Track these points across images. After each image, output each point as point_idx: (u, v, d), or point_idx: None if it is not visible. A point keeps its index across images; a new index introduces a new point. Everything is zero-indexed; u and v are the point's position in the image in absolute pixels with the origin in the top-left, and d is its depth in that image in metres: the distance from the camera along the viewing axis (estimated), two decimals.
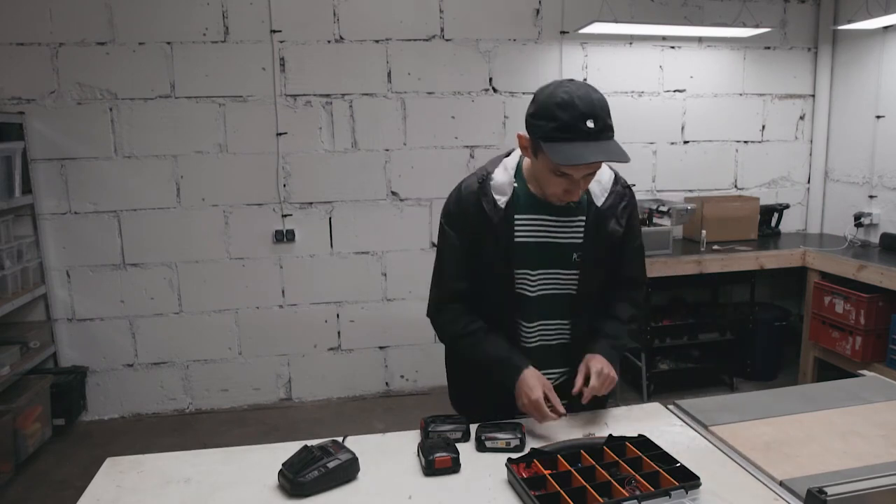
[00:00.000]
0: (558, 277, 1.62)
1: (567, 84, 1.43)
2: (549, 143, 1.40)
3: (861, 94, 4.16)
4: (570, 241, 1.60)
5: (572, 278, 1.62)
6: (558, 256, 1.60)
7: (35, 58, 3.49)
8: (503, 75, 3.96)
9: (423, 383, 4.14)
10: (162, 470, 1.45)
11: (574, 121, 1.38)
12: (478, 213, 1.57)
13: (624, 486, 1.28)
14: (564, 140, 1.39)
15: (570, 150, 1.39)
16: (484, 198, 1.57)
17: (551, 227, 1.59)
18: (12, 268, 3.35)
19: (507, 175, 1.59)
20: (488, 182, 1.58)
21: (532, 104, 1.47)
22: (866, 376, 1.98)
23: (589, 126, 1.38)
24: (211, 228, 3.79)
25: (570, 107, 1.38)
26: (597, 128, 1.39)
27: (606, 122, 1.41)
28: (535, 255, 1.59)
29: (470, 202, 1.59)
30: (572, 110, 1.38)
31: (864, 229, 4.11)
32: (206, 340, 3.88)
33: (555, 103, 1.40)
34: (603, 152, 1.40)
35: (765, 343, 4.19)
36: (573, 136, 1.39)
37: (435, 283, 1.71)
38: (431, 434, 1.53)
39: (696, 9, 4.11)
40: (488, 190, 1.57)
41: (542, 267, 1.60)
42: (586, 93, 1.41)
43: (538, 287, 1.62)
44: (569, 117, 1.38)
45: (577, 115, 1.38)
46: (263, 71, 3.70)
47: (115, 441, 3.54)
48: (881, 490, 1.14)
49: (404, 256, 4.00)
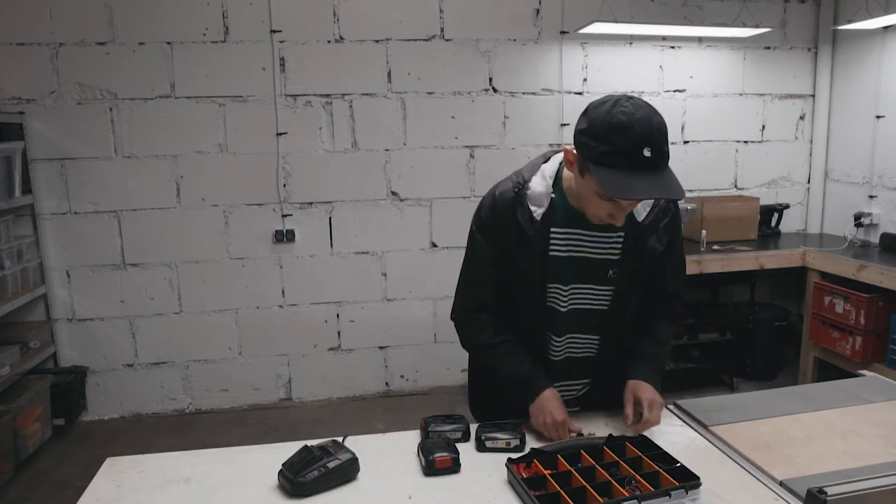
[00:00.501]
0: (591, 293, 1.55)
1: (625, 103, 1.29)
2: (599, 168, 1.29)
3: (861, 94, 4.16)
4: (606, 258, 1.52)
5: (605, 294, 1.55)
6: (593, 272, 1.53)
7: (35, 58, 3.49)
8: (503, 75, 3.96)
9: (423, 383, 4.14)
10: (162, 470, 1.45)
11: (630, 148, 1.26)
12: (512, 224, 1.49)
13: (624, 486, 1.28)
14: (617, 168, 1.28)
15: (623, 180, 1.27)
16: (520, 208, 1.48)
17: (587, 241, 1.51)
18: (12, 268, 3.35)
19: (545, 185, 1.49)
20: (525, 191, 1.48)
21: (584, 119, 1.34)
22: (866, 376, 1.98)
23: (646, 155, 1.26)
24: (211, 228, 3.79)
25: (628, 131, 1.25)
26: (653, 157, 1.27)
27: (664, 151, 1.29)
28: (569, 270, 1.52)
29: (504, 211, 1.50)
30: (630, 136, 1.25)
31: (864, 229, 4.11)
32: (206, 340, 3.88)
33: (611, 125, 1.27)
34: (657, 187, 1.29)
35: (765, 343, 4.19)
36: (627, 164, 1.27)
37: (461, 290, 1.67)
38: (431, 434, 1.53)
39: (696, 9, 4.11)
40: (524, 200, 1.48)
41: (575, 282, 1.53)
42: (646, 116, 1.27)
43: (570, 301, 1.55)
44: (625, 144, 1.26)
45: (634, 141, 1.25)
46: (263, 71, 3.70)
47: (115, 441, 3.54)
48: (881, 490, 1.13)
49: (404, 256, 4.00)
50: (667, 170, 1.31)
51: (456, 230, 3.98)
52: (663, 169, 1.30)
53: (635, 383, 1.57)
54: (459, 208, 3.97)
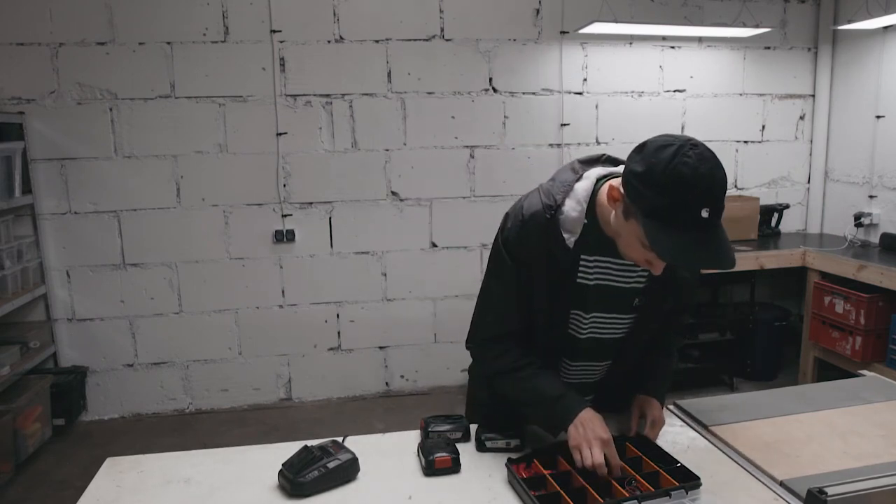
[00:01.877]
0: (614, 321, 1.48)
1: (689, 152, 1.15)
2: (649, 221, 1.18)
3: (861, 94, 4.16)
4: (633, 286, 1.44)
5: (626, 322, 1.49)
6: (618, 300, 1.45)
7: (35, 58, 3.49)
8: (503, 75, 3.96)
9: (423, 383, 4.14)
10: (162, 470, 1.45)
11: (688, 206, 1.15)
12: (541, 248, 1.38)
13: (624, 486, 1.28)
14: (670, 224, 1.16)
15: (676, 241, 1.17)
16: (552, 233, 1.36)
17: (614, 270, 1.42)
18: (12, 268, 3.35)
19: (579, 210, 1.36)
20: (558, 216, 1.36)
21: (639, 160, 1.20)
22: (866, 376, 1.98)
23: (703, 216, 1.15)
24: (211, 228, 3.79)
25: (690, 187, 1.14)
26: (711, 218, 1.16)
27: (721, 210, 1.18)
28: (595, 299, 1.44)
29: (534, 235, 1.38)
30: (690, 192, 1.14)
31: (864, 229, 4.12)
32: (206, 340, 3.88)
33: (671, 177, 1.14)
34: (710, 255, 1.19)
35: (765, 343, 4.19)
36: (681, 222, 1.16)
37: (483, 315, 1.54)
38: (431, 434, 1.53)
39: (696, 9, 4.11)
40: (557, 226, 1.36)
41: (597, 310, 1.45)
42: (710, 170, 1.15)
43: (589, 329, 1.48)
44: (684, 200, 1.15)
45: (694, 199, 1.14)
46: (263, 71, 3.70)
47: (115, 441, 3.54)
48: (881, 490, 1.13)
49: (404, 256, 4.00)
50: (720, 230, 1.20)
51: (456, 230, 3.99)
52: (717, 228, 1.19)
53: (644, 399, 1.54)
54: (459, 208, 3.97)
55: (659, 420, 1.52)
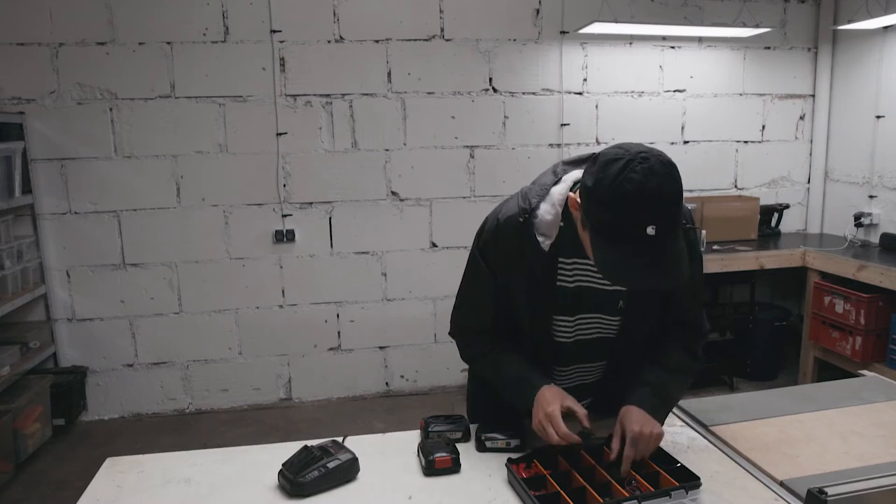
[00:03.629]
0: (599, 323, 1.47)
1: (637, 167, 1.12)
2: (596, 236, 1.19)
3: (861, 94, 4.16)
4: (615, 289, 1.40)
5: (614, 324, 1.47)
6: (601, 304, 1.44)
7: (35, 58, 3.49)
8: (503, 75, 3.96)
9: (423, 383, 4.14)
10: (162, 470, 1.45)
11: (633, 223, 1.13)
12: (517, 253, 1.38)
13: (624, 486, 1.28)
14: (615, 243, 1.16)
15: (618, 259, 1.16)
16: (526, 237, 1.36)
17: (595, 272, 1.39)
18: (12, 268, 3.35)
19: (555, 213, 1.35)
20: (532, 219, 1.36)
21: (591, 173, 1.19)
22: (866, 376, 1.98)
23: (649, 234, 1.12)
24: (211, 228, 3.79)
25: (634, 204, 1.12)
26: (658, 235, 1.13)
27: (671, 223, 1.15)
28: (576, 302, 1.43)
29: (510, 239, 1.38)
30: (634, 209, 1.12)
31: (864, 229, 4.12)
32: (206, 340, 3.88)
33: (615, 194, 1.13)
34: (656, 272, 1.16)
35: (765, 343, 4.19)
36: (627, 241, 1.15)
37: (457, 310, 1.59)
38: (431, 434, 1.53)
39: (696, 9, 4.11)
40: (531, 230, 1.36)
41: (582, 312, 1.44)
42: (657, 185, 1.12)
43: (575, 333, 1.47)
44: (628, 218, 1.13)
45: (638, 216, 1.12)
46: (263, 71, 3.70)
47: (115, 441, 3.54)
48: (881, 490, 1.13)
49: (404, 256, 4.00)
50: (672, 246, 1.17)
51: (456, 230, 3.99)
52: (669, 243, 1.16)
53: (626, 410, 1.40)
54: (459, 208, 3.97)
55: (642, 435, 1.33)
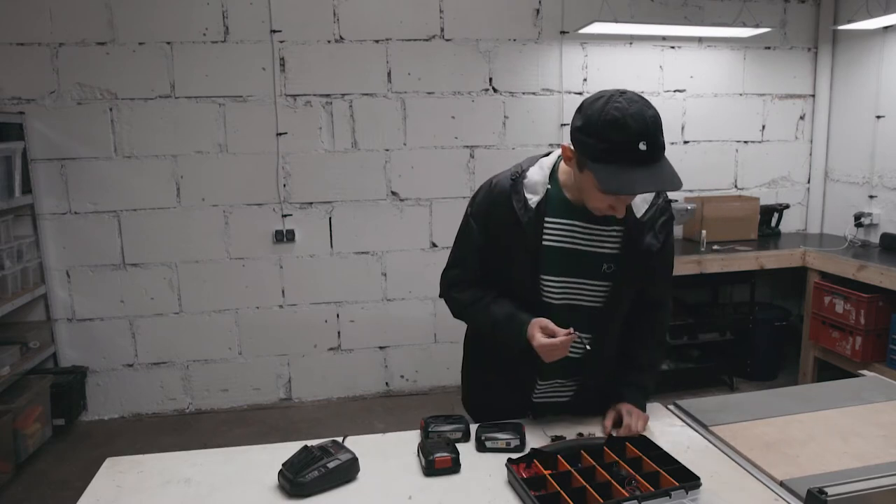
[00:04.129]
0: (584, 288, 1.54)
1: (619, 98, 1.31)
2: (597, 164, 1.32)
3: (861, 94, 4.16)
4: (602, 251, 1.51)
5: (600, 291, 1.54)
6: (587, 266, 1.52)
7: (35, 58, 3.49)
8: (503, 75, 3.96)
9: (423, 383, 4.14)
10: (162, 470, 1.45)
11: (625, 143, 1.28)
12: (506, 211, 1.51)
13: (624, 486, 1.28)
14: (614, 163, 1.30)
15: (620, 176, 1.30)
16: (515, 195, 1.50)
17: (583, 234, 1.51)
18: (12, 268, 3.35)
19: (542, 174, 1.52)
20: (521, 180, 1.52)
21: (579, 116, 1.37)
22: (866, 376, 1.98)
23: (641, 149, 1.28)
24: (211, 228, 3.79)
25: (623, 127, 1.28)
26: (649, 150, 1.29)
27: (659, 142, 1.31)
28: (563, 262, 1.51)
29: (500, 197, 1.53)
30: (624, 131, 1.28)
31: (864, 229, 4.11)
32: (206, 340, 3.88)
33: (605, 121, 1.30)
34: (655, 180, 1.32)
35: (765, 343, 4.19)
36: (624, 159, 1.29)
37: (448, 269, 1.69)
38: (431, 434, 1.54)
39: (696, 9, 4.11)
40: (520, 188, 1.51)
41: (569, 275, 1.52)
42: (639, 110, 1.29)
43: (562, 296, 1.54)
44: (620, 139, 1.28)
45: (629, 136, 1.28)
46: (263, 71, 3.70)
47: (115, 441, 3.54)
48: (881, 490, 1.13)
49: (404, 256, 4.00)
50: (664, 161, 1.33)
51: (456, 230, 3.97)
52: (660, 160, 1.32)
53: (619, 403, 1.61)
54: (459, 208, 3.92)
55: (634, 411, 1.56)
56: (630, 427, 1.52)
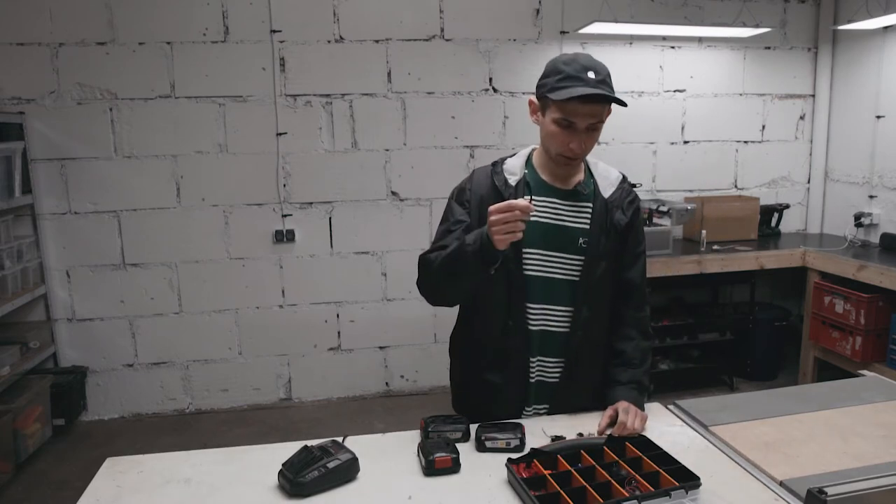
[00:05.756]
0: (562, 261, 1.64)
1: (572, 52, 1.60)
2: (556, 94, 1.51)
3: (861, 94, 4.16)
4: (577, 226, 1.64)
5: (576, 264, 1.64)
6: (565, 240, 1.63)
7: (35, 58, 3.49)
8: (503, 75, 3.96)
9: (423, 383, 4.14)
10: (162, 470, 1.45)
11: (577, 72, 1.51)
12: (489, 190, 1.65)
13: (624, 486, 1.28)
14: (571, 89, 1.49)
15: (573, 89, 1.49)
16: (496, 176, 1.67)
17: (560, 210, 1.64)
18: (12, 268, 3.35)
19: (519, 161, 1.71)
20: (501, 164, 1.70)
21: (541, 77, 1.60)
22: (866, 376, 1.98)
23: (590, 77, 1.50)
24: (211, 228, 3.79)
25: (573, 62, 1.53)
26: (598, 79, 1.51)
27: (607, 79, 1.53)
28: (542, 237, 1.62)
29: (481, 178, 1.68)
30: (575, 64, 1.52)
31: (864, 229, 4.12)
32: (206, 340, 3.88)
33: (560, 61, 1.55)
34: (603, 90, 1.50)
35: (765, 343, 4.19)
36: (576, 83, 1.50)
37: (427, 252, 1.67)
38: (431, 434, 1.53)
39: (696, 9, 4.11)
40: (500, 170, 1.68)
41: (548, 248, 1.63)
42: (587, 55, 1.56)
43: (542, 268, 1.64)
44: (572, 69, 1.52)
45: (579, 67, 1.51)
46: (263, 71, 3.70)
47: (115, 441, 3.54)
48: (881, 490, 1.13)
49: (404, 256, 4.00)
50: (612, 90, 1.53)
51: None
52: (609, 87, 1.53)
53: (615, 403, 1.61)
54: None
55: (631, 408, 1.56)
56: (626, 425, 1.52)
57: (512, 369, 1.67)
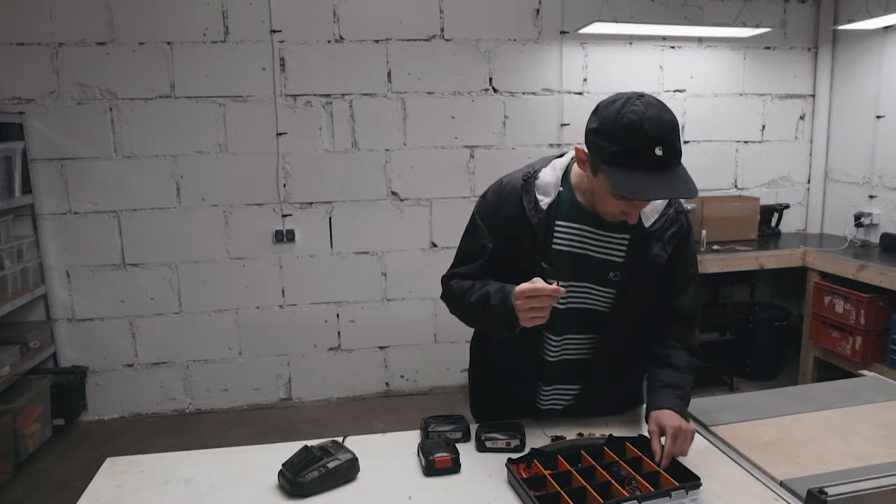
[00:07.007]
0: (590, 292, 1.51)
1: (636, 101, 1.28)
2: (611, 168, 1.29)
3: (861, 94, 4.16)
4: (609, 258, 1.49)
5: (606, 296, 1.51)
6: (594, 271, 1.49)
7: (35, 58, 3.49)
8: (503, 75, 3.96)
9: (423, 383, 4.14)
10: (162, 470, 1.45)
11: (641, 148, 1.25)
12: (516, 212, 1.47)
13: (624, 487, 1.28)
14: (628, 167, 1.27)
15: (634, 181, 1.27)
16: (526, 196, 1.47)
17: (591, 239, 1.48)
18: (12, 268, 3.34)
19: (555, 176, 1.49)
20: (533, 181, 1.48)
21: (594, 118, 1.33)
22: (866, 376, 1.98)
23: (657, 154, 1.26)
24: (211, 228, 3.79)
25: (639, 131, 1.25)
26: (665, 156, 1.26)
27: (676, 148, 1.28)
28: (570, 266, 1.47)
29: (510, 197, 1.49)
30: (640, 136, 1.25)
31: (864, 229, 4.11)
32: (206, 340, 3.88)
33: (621, 125, 1.26)
34: (669, 187, 1.28)
35: (765, 343, 4.19)
36: (639, 164, 1.26)
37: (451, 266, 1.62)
38: (431, 434, 1.53)
39: (696, 9, 4.11)
40: (532, 189, 1.48)
41: (575, 279, 1.49)
42: (657, 114, 1.27)
43: (568, 300, 1.49)
44: (636, 144, 1.26)
45: (645, 141, 1.25)
46: (263, 71, 3.70)
47: (115, 441, 3.54)
48: (881, 490, 1.13)
49: (404, 256, 4.00)
50: (680, 167, 1.31)
51: (456, 230, 3.94)
52: (676, 166, 1.30)
53: (658, 413, 1.44)
54: (459, 208, 3.97)
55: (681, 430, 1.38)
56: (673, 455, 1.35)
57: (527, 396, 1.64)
